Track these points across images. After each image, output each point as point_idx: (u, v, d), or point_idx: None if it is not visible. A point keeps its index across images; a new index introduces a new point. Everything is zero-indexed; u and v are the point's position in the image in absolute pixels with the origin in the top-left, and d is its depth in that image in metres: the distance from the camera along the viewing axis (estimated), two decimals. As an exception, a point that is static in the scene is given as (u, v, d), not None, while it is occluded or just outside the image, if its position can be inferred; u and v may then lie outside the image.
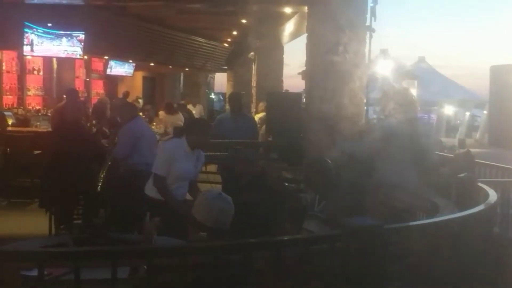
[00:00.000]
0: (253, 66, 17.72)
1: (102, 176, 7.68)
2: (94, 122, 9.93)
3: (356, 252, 3.32)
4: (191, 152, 6.03)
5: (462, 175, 5.82)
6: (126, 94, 16.69)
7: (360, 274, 3.36)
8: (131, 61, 19.86)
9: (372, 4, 8.68)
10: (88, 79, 18.84)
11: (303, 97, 10.06)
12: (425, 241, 3.79)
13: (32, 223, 8.62)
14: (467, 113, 24.14)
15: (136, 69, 21.12)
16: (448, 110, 24.30)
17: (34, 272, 3.07)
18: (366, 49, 8.75)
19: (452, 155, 8.59)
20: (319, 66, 8.66)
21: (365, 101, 8.91)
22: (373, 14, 8.66)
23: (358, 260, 3.33)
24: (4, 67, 14.93)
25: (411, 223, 4.18)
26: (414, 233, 3.83)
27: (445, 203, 5.30)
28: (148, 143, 7.49)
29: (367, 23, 8.67)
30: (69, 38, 14.38)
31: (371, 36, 8.73)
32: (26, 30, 13.40)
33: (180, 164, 5.96)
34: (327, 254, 3.43)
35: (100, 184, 7.64)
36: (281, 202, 6.64)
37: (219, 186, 7.80)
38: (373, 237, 3.37)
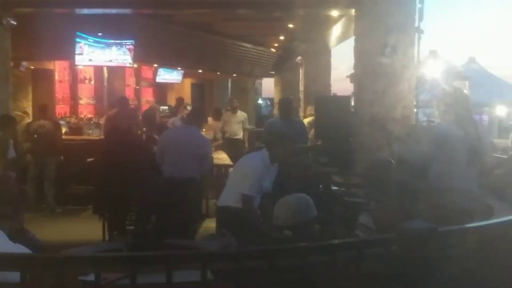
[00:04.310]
0: (300, 70, 17.65)
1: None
2: (144, 129, 10.05)
3: (410, 256, 3.28)
4: (270, 165, 5.98)
5: (517, 176, 5.71)
6: (180, 101, 16.45)
7: (414, 278, 3.32)
8: (179, 68, 20.06)
9: (419, 5, 8.62)
10: (138, 87, 19.09)
11: (351, 100, 10.01)
12: (480, 245, 3.72)
13: (86, 230, 8.80)
14: (520, 114, 23.67)
15: (185, 76, 21.30)
16: (500, 111, 23.81)
17: (91, 277, 3.12)
18: (415, 51, 8.67)
19: (505, 157, 8.42)
20: (367, 69, 8.61)
21: (414, 103, 8.81)
22: (420, 15, 8.59)
23: (412, 264, 3.30)
24: (56, 77, 15.24)
25: (465, 226, 4.10)
26: (469, 236, 3.76)
27: (500, 205, 5.20)
28: (180, 150, 7.50)
29: (416, 25, 8.60)
30: (119, 47, 14.56)
31: (419, 38, 8.65)
32: (77, 40, 13.59)
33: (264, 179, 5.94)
34: (381, 258, 3.40)
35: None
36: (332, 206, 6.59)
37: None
38: (427, 240, 3.33)
